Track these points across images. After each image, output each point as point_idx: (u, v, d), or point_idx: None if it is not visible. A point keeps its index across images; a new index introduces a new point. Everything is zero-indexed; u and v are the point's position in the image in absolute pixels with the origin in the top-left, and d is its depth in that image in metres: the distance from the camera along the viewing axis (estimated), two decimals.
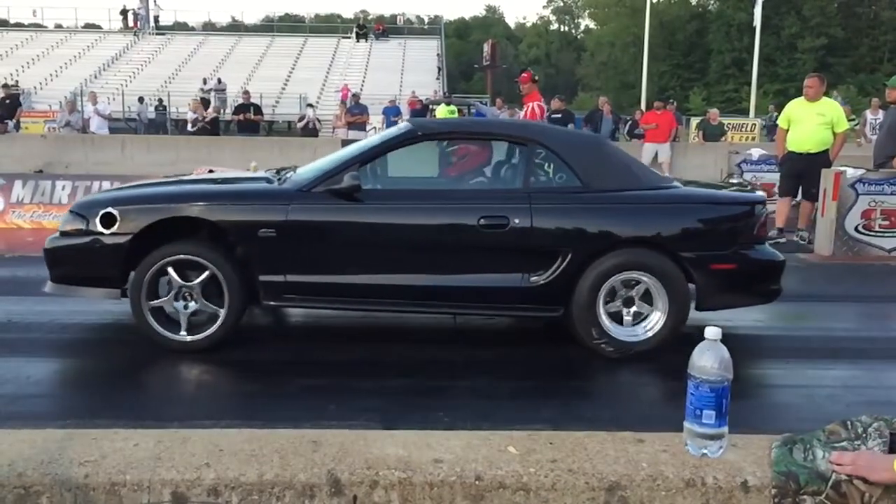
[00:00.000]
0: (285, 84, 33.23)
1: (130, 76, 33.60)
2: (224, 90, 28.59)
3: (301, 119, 21.44)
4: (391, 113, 21.76)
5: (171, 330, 4.54)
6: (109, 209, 4.62)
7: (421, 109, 21.57)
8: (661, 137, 15.83)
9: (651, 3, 37.22)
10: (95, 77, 33.23)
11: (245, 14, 47.82)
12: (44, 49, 36.66)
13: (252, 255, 4.59)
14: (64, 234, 4.75)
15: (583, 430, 2.98)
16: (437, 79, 34.02)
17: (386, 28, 41.34)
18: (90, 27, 43.39)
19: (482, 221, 4.53)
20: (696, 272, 4.64)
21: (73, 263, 4.72)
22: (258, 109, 21.07)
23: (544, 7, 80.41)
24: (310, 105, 23.16)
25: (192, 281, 4.52)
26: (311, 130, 20.52)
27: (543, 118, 10.34)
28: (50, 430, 2.81)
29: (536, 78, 10.63)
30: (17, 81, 29.00)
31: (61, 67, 34.28)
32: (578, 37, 74.59)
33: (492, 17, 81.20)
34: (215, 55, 36.37)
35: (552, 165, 4.88)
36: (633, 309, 4.61)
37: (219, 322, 4.53)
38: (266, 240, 4.55)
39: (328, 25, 46.74)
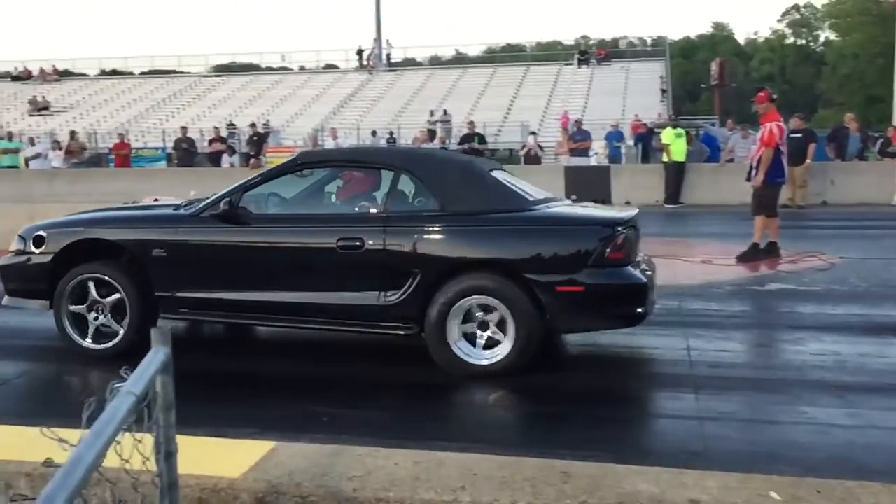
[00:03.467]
0: (507, 112, 33.92)
1: (365, 111, 35.90)
2: (449, 121, 29.72)
3: (523, 147, 21.80)
4: (614, 138, 21.48)
5: (97, 342, 5.22)
6: (40, 232, 5.46)
7: (646, 133, 21.11)
8: None
9: None
10: (334, 114, 35.83)
11: (469, 47, 49.70)
12: (290, 90, 40.16)
13: (149, 273, 5.18)
14: (12, 254, 5.57)
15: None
16: (662, 101, 33.17)
17: (608, 52, 41.04)
18: (329, 68, 46.96)
19: (340, 243, 4.85)
20: (543, 295, 4.65)
21: (16, 279, 5.54)
22: (482, 138, 21.70)
23: (778, 21, 75.47)
24: (532, 133, 23.42)
25: (105, 298, 5.19)
26: (533, 158, 20.79)
27: (783, 139, 9.74)
28: (320, 445, 3.05)
29: (774, 96, 10.03)
30: (267, 120, 31.92)
31: (305, 106, 37.36)
32: (817, 50, 69.65)
33: (719, 34, 77.89)
34: (441, 88, 37.94)
35: (414, 190, 5.10)
36: (487, 333, 4.69)
37: (123, 333, 5.17)
38: (159, 258, 5.16)
39: (549, 53, 47.17)
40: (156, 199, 8.29)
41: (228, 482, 2.72)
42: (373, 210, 5.16)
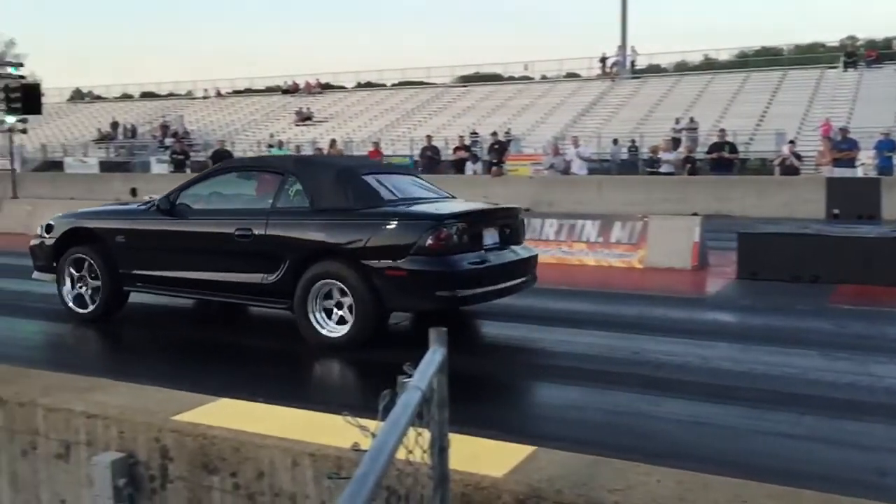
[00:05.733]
0: (760, 120, 31.98)
1: (606, 119, 35.49)
2: (696, 129, 28.59)
3: (778, 156, 20.43)
4: (885, 147, 19.52)
5: (81, 307, 7.01)
6: (50, 221, 7.27)
7: None
8: None
9: None
10: (575, 122, 35.77)
11: (719, 52, 46.97)
12: (532, 99, 40.65)
13: (114, 254, 6.79)
14: (36, 237, 7.34)
15: None
16: None
17: (879, 54, 37.28)
18: (571, 76, 46.90)
19: (237, 232, 6.17)
20: (376, 278, 5.66)
21: (38, 257, 7.31)
22: (733, 147, 20.63)
23: None
24: (790, 141, 21.90)
25: (82, 271, 6.91)
26: (789, 168, 19.45)
27: None
28: (578, 455, 3.04)
29: None
30: (509, 129, 32.56)
31: (546, 114, 37.64)
32: None
33: None
34: (688, 95, 36.55)
35: (295, 190, 6.22)
36: (341, 312, 5.74)
37: (98, 301, 6.89)
38: (121, 243, 6.79)
39: (809, 56, 43.75)
40: (150, 198, 8.97)
41: (491, 481, 2.80)
42: (263, 206, 6.32)
